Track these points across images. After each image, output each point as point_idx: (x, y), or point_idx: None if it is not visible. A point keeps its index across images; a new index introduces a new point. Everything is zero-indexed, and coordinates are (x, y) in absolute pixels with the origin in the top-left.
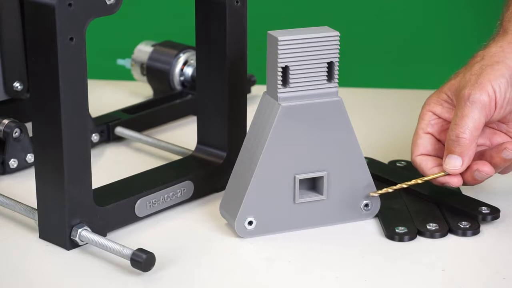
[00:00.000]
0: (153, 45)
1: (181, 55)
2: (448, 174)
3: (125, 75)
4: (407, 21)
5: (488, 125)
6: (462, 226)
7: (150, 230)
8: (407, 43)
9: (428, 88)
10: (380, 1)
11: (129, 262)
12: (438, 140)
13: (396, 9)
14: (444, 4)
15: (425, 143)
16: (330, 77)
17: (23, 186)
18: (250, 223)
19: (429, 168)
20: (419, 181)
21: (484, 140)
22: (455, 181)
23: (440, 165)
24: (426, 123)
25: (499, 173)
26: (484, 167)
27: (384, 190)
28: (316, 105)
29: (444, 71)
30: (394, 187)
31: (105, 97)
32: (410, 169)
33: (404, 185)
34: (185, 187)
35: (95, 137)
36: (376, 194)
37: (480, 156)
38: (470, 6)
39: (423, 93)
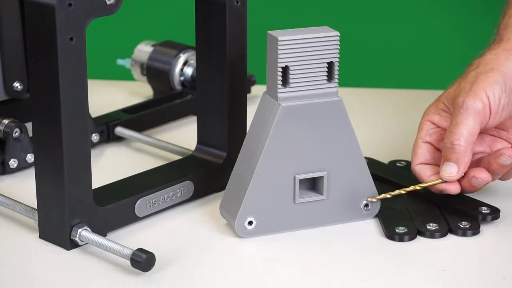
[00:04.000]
0: (153, 45)
1: (181, 55)
2: (446, 182)
3: (125, 75)
4: (407, 21)
5: (487, 132)
6: (462, 226)
7: (150, 230)
8: (408, 43)
9: (428, 88)
10: (380, 1)
11: (129, 262)
12: (437, 149)
13: (396, 9)
14: (444, 4)
15: (424, 152)
16: (330, 77)
17: (23, 186)
18: (250, 223)
19: (428, 176)
20: (417, 187)
21: (484, 148)
22: (452, 188)
23: (439, 173)
24: (425, 132)
25: (499, 179)
26: (481, 174)
27: (382, 196)
28: (316, 105)
29: (444, 72)
30: (392, 193)
31: (105, 97)
32: (410, 169)
33: (402, 191)
34: (185, 187)
35: (95, 137)
36: (375, 200)
37: (478, 163)
38: (471, 6)
39: (423, 93)
